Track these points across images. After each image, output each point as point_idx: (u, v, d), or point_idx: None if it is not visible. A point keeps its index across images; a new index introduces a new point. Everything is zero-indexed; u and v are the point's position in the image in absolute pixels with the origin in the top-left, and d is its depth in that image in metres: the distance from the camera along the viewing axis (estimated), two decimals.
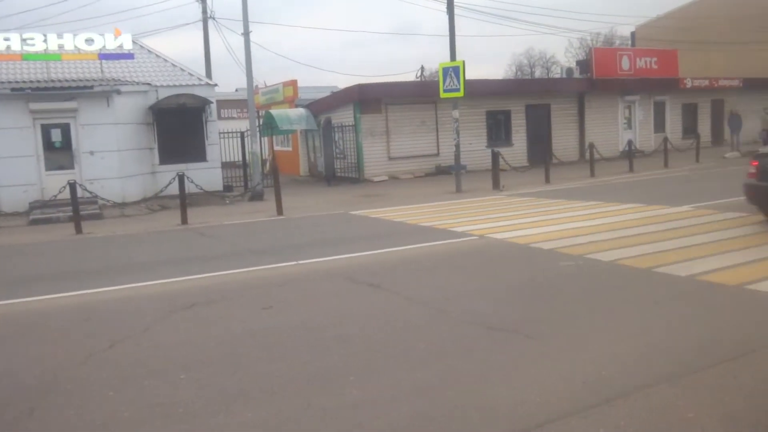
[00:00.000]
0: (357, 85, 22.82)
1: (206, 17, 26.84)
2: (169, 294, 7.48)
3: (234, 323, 6.13)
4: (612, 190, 16.12)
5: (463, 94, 17.05)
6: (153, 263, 9.83)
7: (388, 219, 12.83)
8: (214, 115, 20.46)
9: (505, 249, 9.02)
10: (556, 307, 6.04)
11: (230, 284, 7.85)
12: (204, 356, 5.21)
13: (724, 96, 31.63)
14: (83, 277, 8.82)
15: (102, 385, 4.70)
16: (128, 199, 17.80)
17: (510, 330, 5.37)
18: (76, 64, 19.71)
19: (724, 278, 6.56)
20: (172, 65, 21.14)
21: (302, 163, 28.46)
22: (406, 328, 5.65)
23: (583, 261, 7.82)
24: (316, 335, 5.60)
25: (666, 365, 4.45)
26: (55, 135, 17.86)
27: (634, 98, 28.51)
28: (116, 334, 5.93)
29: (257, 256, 9.62)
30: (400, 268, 8.17)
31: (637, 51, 31.56)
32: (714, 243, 8.40)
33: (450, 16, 17.69)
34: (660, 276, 6.89)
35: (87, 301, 7.44)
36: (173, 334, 5.92)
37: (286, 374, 4.71)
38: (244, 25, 18.68)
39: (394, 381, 4.45)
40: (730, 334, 5.05)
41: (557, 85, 28.89)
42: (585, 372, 4.40)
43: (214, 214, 15.53)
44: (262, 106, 29.87)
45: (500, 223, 11.40)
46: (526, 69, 70.81)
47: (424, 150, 23.59)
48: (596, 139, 23.88)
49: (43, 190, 17.35)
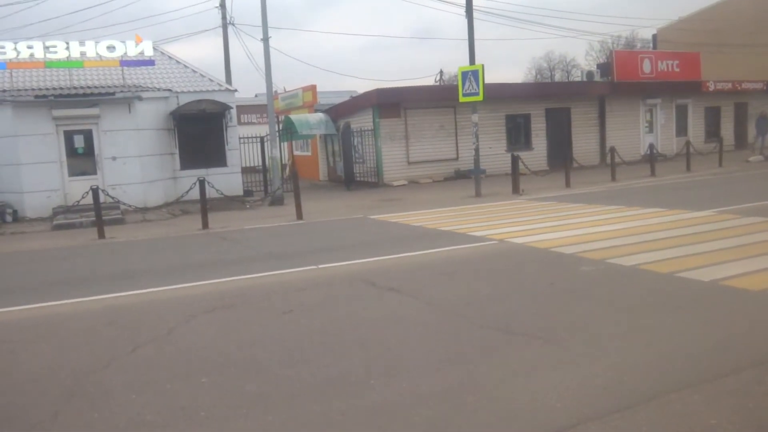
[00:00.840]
0: (376, 89, 22.87)
1: (225, 23, 27.07)
2: (191, 298, 7.54)
3: (255, 327, 6.18)
4: (633, 194, 16.00)
5: (482, 97, 17.01)
6: (175, 267, 9.92)
7: (407, 223, 12.83)
8: (234, 121, 20.61)
9: (525, 253, 8.99)
10: (577, 311, 6.01)
11: (251, 288, 7.90)
12: (225, 360, 5.26)
13: (747, 99, 31.27)
14: (106, 282, 8.91)
15: (125, 388, 4.76)
16: (150, 204, 18.00)
17: (530, 335, 5.35)
18: (98, 70, 20.01)
19: (747, 283, 6.49)
20: (192, 71, 21.34)
21: (321, 167, 28.55)
22: (426, 333, 5.65)
23: (604, 266, 7.78)
24: (336, 339, 5.62)
25: (688, 371, 4.42)
26: (77, 141, 18.12)
27: (656, 101, 28.25)
28: (139, 338, 5.99)
29: (277, 261, 9.66)
30: (419, 272, 8.17)
31: (659, 54, 31.30)
32: (737, 248, 8.30)
33: (469, 19, 17.66)
34: (682, 281, 6.83)
35: (110, 305, 7.53)
36: (195, 337, 5.97)
37: (306, 378, 4.73)
38: (264, 31, 18.79)
39: (414, 385, 4.46)
40: (753, 339, 5.00)
41: (578, 88, 28.72)
42: (605, 377, 4.37)
43: (235, 219, 15.63)
44: (282, 111, 30.05)
45: (520, 227, 11.36)
46: (546, 73, 70.55)
47: (443, 154, 23.56)
48: (617, 143, 23.73)
49: (66, 195, 17.58)
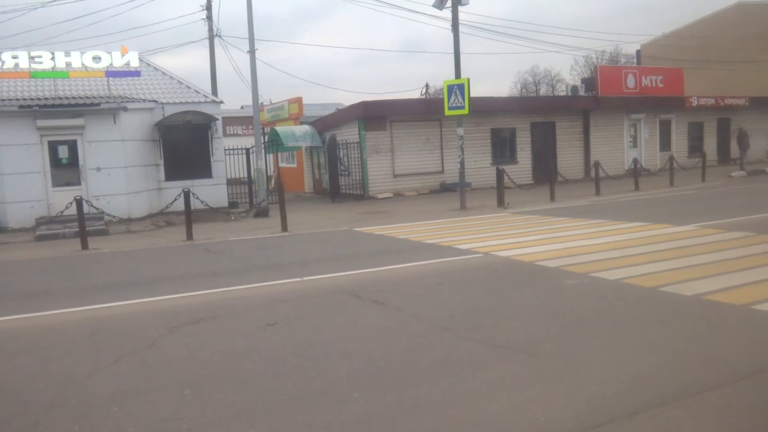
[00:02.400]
0: (362, 102, 22.94)
1: (212, 35, 27.08)
2: (175, 309, 7.49)
3: (239, 339, 6.14)
4: (617, 208, 16.12)
5: (467, 111, 17.11)
6: (159, 279, 9.85)
7: (393, 236, 12.84)
8: (220, 132, 20.58)
9: (509, 266, 9.01)
10: (561, 325, 6.02)
11: (235, 300, 7.87)
12: (208, 372, 5.22)
13: (730, 114, 31.70)
14: (89, 293, 8.84)
15: (106, 400, 4.71)
16: (134, 215, 17.90)
17: (514, 348, 5.36)
18: (83, 81, 19.92)
19: (730, 298, 6.54)
20: (178, 82, 21.30)
21: (307, 179, 28.55)
22: (410, 345, 5.64)
23: (588, 279, 7.81)
24: (320, 351, 5.60)
25: (671, 385, 4.43)
26: (62, 151, 18.01)
27: (640, 116, 28.57)
28: (121, 350, 5.94)
29: (262, 272, 9.63)
30: (404, 285, 8.17)
31: (643, 69, 31.64)
32: (720, 262, 8.38)
33: (455, 34, 17.78)
34: (665, 295, 6.87)
35: (93, 316, 7.46)
36: (178, 349, 5.92)
37: (289, 390, 4.71)
38: (250, 43, 18.86)
39: (397, 398, 4.45)
40: (736, 355, 5.03)
41: (562, 102, 28.98)
42: (589, 391, 4.38)
43: (220, 231, 15.57)
44: (268, 123, 30.05)
45: (505, 240, 11.40)
46: (531, 87, 71.03)
47: (428, 167, 23.65)
48: (601, 158, 23.93)
49: (49, 206, 17.45)
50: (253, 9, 18.85)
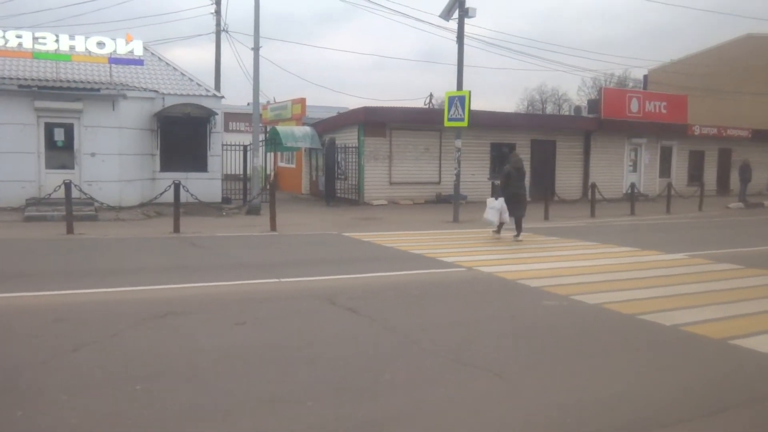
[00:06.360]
0: (363, 107, 22.84)
1: (219, 30, 27.05)
2: (147, 301, 7.38)
3: (203, 337, 6.02)
4: (610, 231, 16.00)
5: (467, 124, 17.00)
6: (138, 269, 9.73)
7: (380, 243, 12.72)
8: (219, 127, 20.50)
9: (491, 283, 8.89)
10: (532, 346, 5.90)
11: (209, 296, 7.75)
12: (165, 368, 5.10)
13: (732, 145, 31.62)
14: (65, 278, 8.75)
15: (57, 388, 4.61)
16: (126, 203, 17.77)
17: (480, 366, 5.23)
18: (85, 66, 19.81)
19: (708, 330, 6.41)
20: (181, 74, 21.24)
21: (304, 181, 28.43)
22: (376, 356, 5.52)
23: (567, 302, 7.69)
24: (283, 355, 5.48)
25: (632, 416, 4.31)
26: (58, 134, 17.91)
27: (641, 141, 28.49)
28: (84, 338, 5.83)
29: (242, 270, 9.51)
30: (381, 294, 8.04)
31: (647, 94, 31.60)
32: (704, 293, 8.25)
33: (459, 45, 17.69)
34: (643, 323, 6.74)
35: (63, 301, 7.35)
36: (140, 342, 5.80)
37: (244, 393, 4.59)
38: (255, 41, 18.77)
39: (352, 409, 4.33)
40: (707, 389, 4.91)
41: (564, 122, 28.91)
42: (549, 416, 4.26)
43: (209, 225, 15.45)
44: (270, 122, 29.97)
45: (491, 256, 11.29)
46: (538, 104, 71.05)
47: (426, 177, 23.53)
48: (600, 180, 23.80)
49: (41, 187, 17.33)
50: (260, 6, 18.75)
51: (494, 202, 13.76)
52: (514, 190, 13.65)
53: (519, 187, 13.74)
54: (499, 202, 13.64)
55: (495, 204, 13.69)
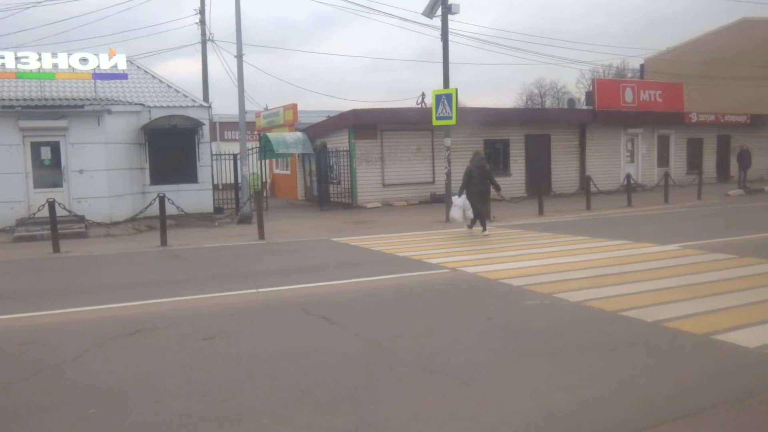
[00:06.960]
0: (352, 110, 22.62)
1: (205, 40, 26.92)
2: (117, 319, 7.20)
3: (168, 354, 5.84)
4: (605, 224, 15.77)
5: (455, 122, 16.81)
6: (116, 286, 9.54)
7: (367, 247, 12.52)
8: (207, 137, 20.36)
9: (473, 284, 8.67)
10: (505, 350, 5.69)
11: (182, 310, 7.58)
12: (123, 389, 4.93)
13: (730, 132, 31.27)
14: (39, 298, 8.59)
15: (9, 415, 4.51)
16: (116, 218, 17.62)
17: (449, 374, 5.04)
18: (70, 83, 19.72)
19: (691, 326, 6.19)
20: (167, 86, 21.11)
21: (299, 187, 28.26)
22: (343, 367, 5.32)
23: (549, 300, 7.48)
24: (246, 370, 5.30)
25: (605, 422, 4.12)
26: (44, 153, 17.79)
27: (638, 131, 28.16)
28: (46, 361, 5.71)
29: (220, 282, 9.32)
30: (359, 300, 7.85)
31: (641, 83, 31.29)
32: (691, 286, 8.00)
33: (444, 43, 17.49)
34: (625, 320, 6.53)
35: (33, 323, 7.22)
36: (102, 363, 5.63)
37: (200, 412, 4.43)
38: (238, 48, 18.62)
39: (308, 424, 4.16)
40: (683, 390, 4.67)
41: (558, 115, 28.62)
42: (513, 425, 4.07)
43: (198, 237, 15.29)
44: (263, 129, 29.83)
45: (478, 255, 11.08)
46: (537, 99, 70.71)
47: (419, 177, 23.31)
48: (597, 172, 23.57)
49: (30, 207, 17.18)
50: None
51: (458, 200, 14.25)
52: (474, 187, 14.13)
53: (480, 185, 14.18)
54: (461, 200, 14.13)
55: (458, 201, 14.21)
